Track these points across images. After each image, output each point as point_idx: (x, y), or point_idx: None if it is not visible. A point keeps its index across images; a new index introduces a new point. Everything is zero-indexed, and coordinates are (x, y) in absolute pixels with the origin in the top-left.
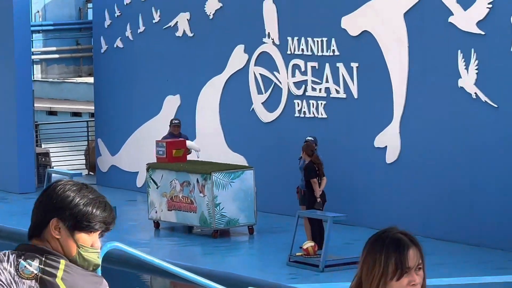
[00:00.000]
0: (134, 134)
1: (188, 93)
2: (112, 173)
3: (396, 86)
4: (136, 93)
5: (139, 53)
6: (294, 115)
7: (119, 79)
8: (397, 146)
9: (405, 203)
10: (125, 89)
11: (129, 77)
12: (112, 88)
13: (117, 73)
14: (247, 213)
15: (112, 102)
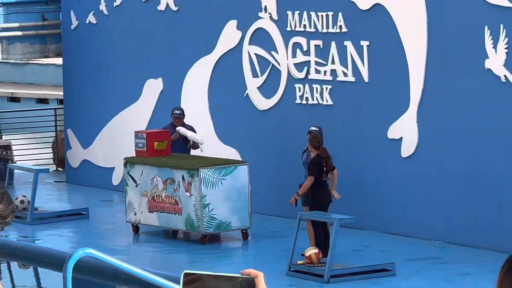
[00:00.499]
0: (109, 124)
1: (172, 76)
2: (84, 169)
3: (413, 68)
4: (112, 77)
5: (115, 30)
6: (295, 102)
7: (92, 60)
8: (414, 137)
9: (424, 203)
10: (99, 72)
11: (103, 58)
12: (84, 71)
13: (89, 53)
14: (240, 215)
15: (84, 87)
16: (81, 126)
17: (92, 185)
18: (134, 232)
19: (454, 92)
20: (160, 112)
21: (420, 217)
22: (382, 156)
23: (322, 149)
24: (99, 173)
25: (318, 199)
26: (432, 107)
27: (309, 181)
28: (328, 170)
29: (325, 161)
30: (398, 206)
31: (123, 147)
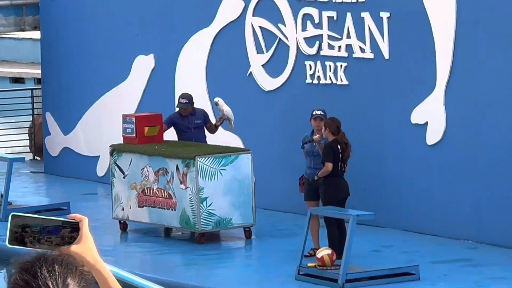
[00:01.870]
0: (93, 107)
1: (164, 53)
2: (65, 157)
3: (440, 43)
4: (97, 53)
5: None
6: (305, 82)
7: (74, 34)
8: (442, 122)
9: (452, 197)
10: (82, 48)
11: (87, 32)
12: (65, 46)
13: (71, 27)
14: (242, 210)
15: (64, 64)
16: (62, 109)
17: (74, 176)
18: (121, 230)
19: (487, 70)
20: (151, 93)
21: (447, 213)
22: (404, 144)
23: (342, 134)
24: (82, 163)
25: (332, 192)
26: (462, 87)
27: (326, 167)
28: (345, 158)
29: (343, 147)
30: (422, 200)
31: (109, 133)
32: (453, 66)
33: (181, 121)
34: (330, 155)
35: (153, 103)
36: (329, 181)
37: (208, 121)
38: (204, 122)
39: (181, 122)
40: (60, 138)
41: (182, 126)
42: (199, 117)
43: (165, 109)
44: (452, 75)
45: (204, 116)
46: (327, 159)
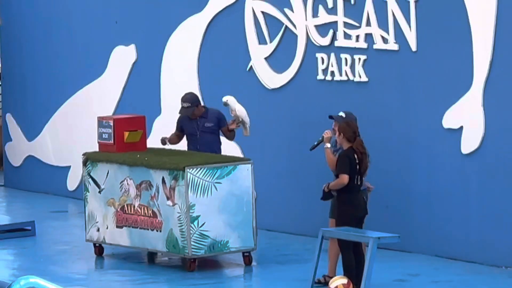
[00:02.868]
0: (63, 108)
1: (148, 43)
2: (29, 168)
3: (478, 32)
4: (68, 44)
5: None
6: (316, 78)
7: (40, 22)
8: (480, 127)
9: (492, 216)
10: (49, 38)
11: (56, 19)
12: (29, 37)
13: (37, 13)
14: (241, 232)
15: (28, 58)
16: (25, 110)
17: (40, 190)
18: (96, 254)
19: None
20: (132, 91)
21: (486, 236)
22: (435, 152)
23: (359, 141)
24: (50, 174)
25: (348, 210)
26: (504, 85)
27: (341, 180)
28: (363, 170)
29: (360, 157)
30: (457, 220)
31: (82, 139)
32: (493, 60)
33: (188, 124)
34: (346, 165)
35: (135, 103)
36: (343, 198)
37: (224, 123)
38: (218, 125)
39: (187, 125)
40: (23, 144)
41: (189, 130)
42: (211, 120)
43: (149, 110)
44: (492, 70)
45: (217, 118)
46: (342, 170)
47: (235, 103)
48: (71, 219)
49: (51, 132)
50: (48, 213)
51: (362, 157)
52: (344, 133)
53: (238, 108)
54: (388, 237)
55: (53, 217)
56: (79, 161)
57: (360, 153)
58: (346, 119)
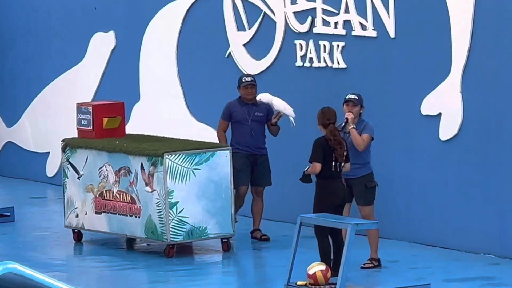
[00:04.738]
0: (42, 94)
1: (127, 29)
2: (8, 154)
3: (456, 20)
4: (46, 29)
5: None
6: (295, 64)
7: (17, 7)
8: (458, 113)
9: (470, 204)
10: (27, 24)
11: (34, 5)
12: (6, 22)
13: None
14: (220, 218)
15: (6, 43)
16: (4, 96)
17: (19, 176)
18: (75, 240)
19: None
20: (111, 77)
21: (464, 223)
22: (413, 139)
23: (330, 128)
24: (29, 160)
25: (325, 197)
26: (483, 71)
27: (313, 168)
28: (338, 157)
29: (332, 144)
30: (435, 207)
31: (61, 125)
32: (471, 46)
33: (239, 110)
34: (319, 153)
35: (114, 89)
36: (320, 184)
37: (271, 117)
38: (267, 117)
39: (238, 111)
40: (2, 131)
41: (239, 116)
42: (261, 110)
43: (128, 97)
44: (470, 56)
45: (267, 109)
46: (314, 158)
47: (271, 98)
48: (50, 205)
49: (30, 119)
50: (27, 199)
51: (335, 145)
52: (320, 121)
53: (275, 102)
54: (366, 224)
55: (32, 203)
56: (58, 147)
57: (333, 140)
58: (360, 100)
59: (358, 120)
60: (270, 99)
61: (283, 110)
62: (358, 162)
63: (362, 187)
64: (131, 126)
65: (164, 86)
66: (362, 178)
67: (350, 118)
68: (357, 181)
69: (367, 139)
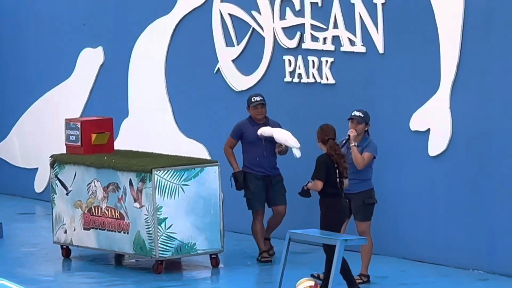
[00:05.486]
0: (31, 109)
1: (116, 45)
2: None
3: (445, 36)
4: (35, 45)
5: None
6: (284, 80)
7: (6, 22)
8: (447, 129)
9: (459, 219)
10: (16, 38)
11: (23, 19)
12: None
13: (3, 14)
14: (208, 234)
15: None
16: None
17: (7, 192)
18: (63, 256)
19: (502, 67)
20: (100, 93)
21: (453, 238)
22: (402, 155)
23: (330, 144)
24: (17, 176)
25: (331, 215)
26: (471, 87)
27: (314, 185)
28: (341, 173)
29: (335, 159)
30: (424, 223)
31: (50, 141)
32: (460, 62)
33: (251, 130)
34: (322, 171)
35: (102, 105)
36: (327, 202)
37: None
38: None
39: (250, 132)
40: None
41: (251, 137)
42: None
43: (116, 113)
44: (459, 72)
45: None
46: (316, 176)
47: (272, 131)
48: (39, 221)
49: (18, 134)
50: (16, 215)
51: (337, 159)
52: (318, 138)
53: (276, 135)
54: (355, 239)
55: (21, 219)
56: (47, 163)
57: (335, 155)
58: (365, 117)
59: (362, 137)
60: (270, 132)
61: (284, 142)
62: (358, 178)
63: (360, 203)
64: (120, 141)
65: (153, 102)
66: (361, 194)
67: (352, 136)
68: (356, 196)
69: (367, 158)
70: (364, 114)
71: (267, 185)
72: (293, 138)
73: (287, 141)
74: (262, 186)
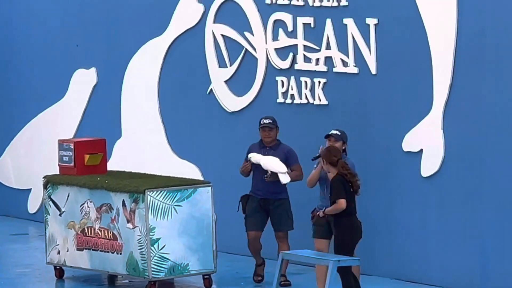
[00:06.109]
0: (24, 131)
1: (109, 66)
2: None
3: (438, 57)
4: (28, 66)
5: (32, 1)
6: (276, 101)
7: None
8: (439, 150)
9: (452, 240)
10: (9, 59)
11: (15, 40)
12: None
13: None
14: (201, 254)
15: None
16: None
17: (0, 213)
18: (57, 277)
19: (494, 87)
20: (93, 114)
21: (446, 259)
22: (395, 175)
23: (341, 163)
24: (10, 197)
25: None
26: (464, 108)
27: (339, 205)
28: (355, 190)
29: (349, 179)
30: (416, 243)
31: (43, 162)
32: (453, 83)
33: (256, 152)
34: (341, 190)
35: (95, 126)
36: (342, 222)
37: (292, 162)
38: (285, 161)
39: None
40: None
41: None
42: (279, 154)
43: (110, 133)
44: (451, 93)
45: (285, 154)
46: (338, 196)
47: (259, 158)
48: (32, 241)
49: (12, 155)
50: (9, 236)
51: (351, 178)
52: (327, 159)
53: (263, 162)
54: (348, 260)
55: (14, 240)
56: (40, 183)
57: (347, 175)
58: (342, 136)
59: None
60: (258, 159)
61: (270, 169)
62: None
63: None
64: (113, 162)
65: (146, 123)
66: None
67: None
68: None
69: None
70: (341, 133)
71: (267, 209)
72: (280, 163)
73: (273, 168)
74: (257, 209)
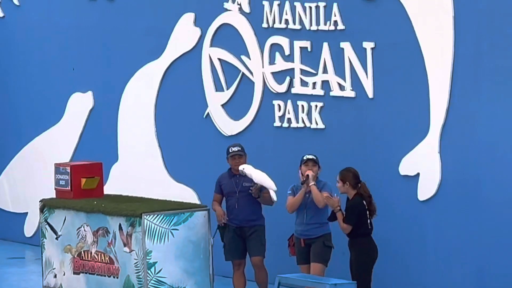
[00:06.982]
0: (20, 154)
1: (105, 89)
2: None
3: (435, 81)
4: (24, 89)
5: (29, 26)
6: (273, 125)
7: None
8: (436, 174)
9: (449, 264)
10: (6, 83)
11: (13, 64)
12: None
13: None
14: (198, 278)
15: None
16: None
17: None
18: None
19: (491, 111)
20: (89, 137)
21: (443, 282)
22: (391, 199)
23: (363, 185)
24: (6, 221)
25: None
26: (461, 132)
27: (344, 228)
28: (372, 212)
29: (368, 201)
30: (413, 267)
31: (39, 186)
32: (450, 106)
33: (227, 182)
34: (354, 216)
35: (92, 149)
36: (359, 243)
37: (264, 187)
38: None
39: (227, 183)
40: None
41: (227, 189)
42: (249, 180)
43: (106, 157)
44: (448, 117)
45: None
46: (348, 221)
47: (251, 171)
48: (28, 265)
49: (8, 178)
50: (5, 260)
51: (370, 200)
52: (349, 181)
53: (254, 175)
54: (345, 284)
55: (10, 264)
56: (36, 207)
57: (368, 197)
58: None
59: (316, 180)
60: (250, 172)
61: (262, 183)
62: (318, 222)
63: (321, 244)
64: (110, 186)
65: (142, 146)
66: (321, 237)
67: (311, 175)
68: (316, 240)
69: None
70: (316, 157)
71: (243, 237)
72: (271, 181)
73: (265, 183)
74: (234, 238)
